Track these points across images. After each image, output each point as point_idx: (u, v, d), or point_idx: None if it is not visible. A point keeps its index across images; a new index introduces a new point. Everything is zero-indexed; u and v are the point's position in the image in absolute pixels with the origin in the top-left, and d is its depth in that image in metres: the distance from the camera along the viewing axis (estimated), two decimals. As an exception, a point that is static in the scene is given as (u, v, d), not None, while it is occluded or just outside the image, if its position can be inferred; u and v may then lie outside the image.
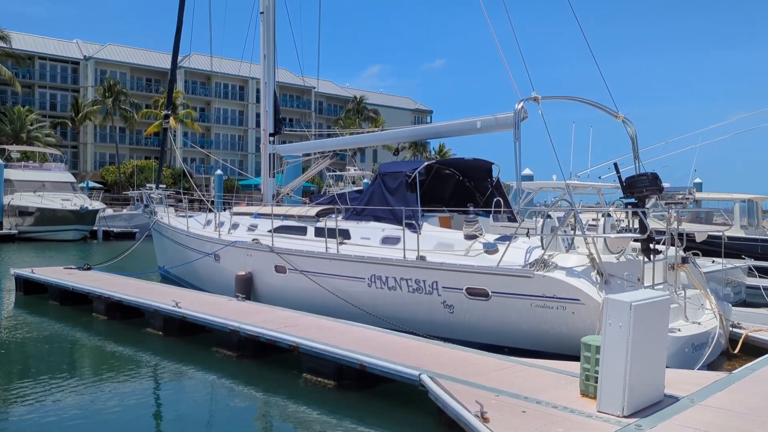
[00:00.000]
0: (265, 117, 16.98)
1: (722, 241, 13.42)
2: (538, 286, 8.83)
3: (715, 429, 5.39)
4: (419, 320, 10.14)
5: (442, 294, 9.84)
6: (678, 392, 6.34)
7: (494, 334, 9.42)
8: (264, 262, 12.73)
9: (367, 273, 10.77)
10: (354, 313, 10.78)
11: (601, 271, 8.78)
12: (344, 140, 15.99)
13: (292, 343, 8.55)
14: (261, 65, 16.96)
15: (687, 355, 8.38)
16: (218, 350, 9.90)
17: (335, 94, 79.32)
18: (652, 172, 9.60)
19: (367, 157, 75.27)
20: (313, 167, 16.99)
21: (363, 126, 63.85)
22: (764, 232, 23.25)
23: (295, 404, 7.72)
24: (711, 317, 9.38)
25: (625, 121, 11.27)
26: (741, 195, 22.49)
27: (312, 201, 15.09)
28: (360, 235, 11.73)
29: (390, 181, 11.81)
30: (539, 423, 5.51)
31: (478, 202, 12.67)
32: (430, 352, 8.06)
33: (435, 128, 13.72)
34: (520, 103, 10.14)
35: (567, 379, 6.83)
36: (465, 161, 13.35)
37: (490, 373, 7.09)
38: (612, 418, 5.64)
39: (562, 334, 8.67)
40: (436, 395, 6.35)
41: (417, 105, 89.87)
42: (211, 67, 44.58)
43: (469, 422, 5.52)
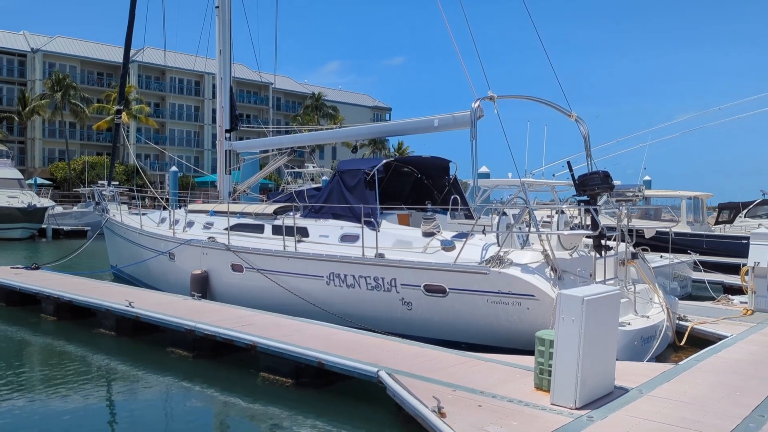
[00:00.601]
0: (221, 113, 16.75)
1: (669, 237, 13.87)
2: (494, 283, 8.97)
3: (661, 418, 5.59)
4: (378, 317, 10.18)
5: (400, 291, 9.89)
6: (628, 384, 6.54)
7: (452, 330, 9.53)
8: (220, 261, 12.56)
9: (325, 271, 10.75)
10: (312, 311, 10.75)
11: (554, 267, 8.97)
12: (302, 137, 15.94)
13: (250, 342, 8.47)
14: (217, 60, 16.71)
15: (636, 347, 8.65)
16: (173, 350, 9.74)
17: (293, 91, 78.71)
18: (603, 170, 9.86)
19: (326, 154, 75.01)
20: (270, 164, 16.84)
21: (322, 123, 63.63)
22: (709, 228, 24.14)
23: (253, 403, 7.66)
24: (659, 311, 9.70)
25: (578, 120, 11.54)
26: (687, 192, 23.29)
27: (269, 198, 14.95)
28: (318, 233, 11.70)
29: (348, 178, 11.80)
30: (495, 416, 5.61)
31: (436, 199, 12.79)
32: (388, 349, 8.11)
33: (393, 126, 13.79)
34: (476, 101, 10.27)
35: (522, 373, 6.96)
36: (423, 159, 13.45)
37: (448, 369, 7.18)
38: (565, 410, 5.78)
39: (517, 330, 8.82)
40: (394, 391, 6.39)
41: (376, 102, 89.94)
42: (165, 62, 43.69)
43: (426, 417, 5.58)
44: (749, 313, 10.94)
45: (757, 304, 11.12)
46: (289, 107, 78.01)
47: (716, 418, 5.59)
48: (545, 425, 5.38)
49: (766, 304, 11.01)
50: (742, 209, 26.03)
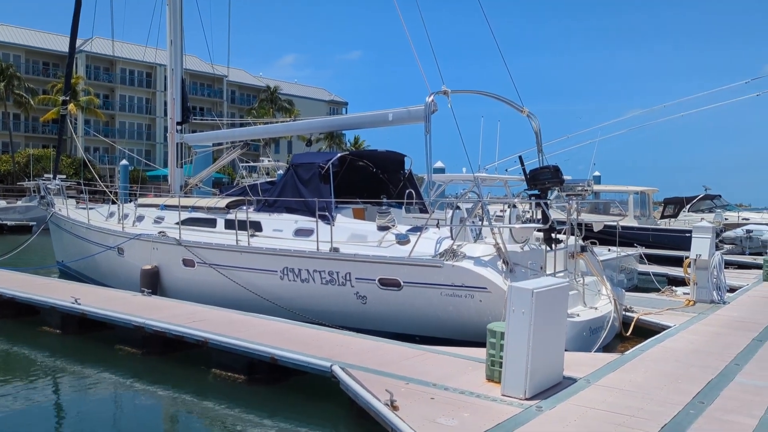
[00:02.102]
0: (173, 105, 16.36)
1: (617, 230, 14.26)
2: (447, 276, 9.05)
3: (607, 407, 5.74)
4: (332, 312, 10.15)
5: (355, 285, 9.89)
6: (576, 374, 6.69)
7: (406, 324, 9.58)
8: (171, 256, 12.31)
9: (279, 266, 10.65)
10: (266, 306, 10.65)
11: (506, 260, 9.10)
12: (256, 130, 15.68)
13: (201, 338, 8.33)
14: (168, 51, 16.31)
15: (585, 338, 8.87)
16: (122, 348, 9.50)
17: (248, 84, 77.59)
18: (554, 165, 10.06)
19: (282, 147, 74.21)
20: (223, 157, 16.56)
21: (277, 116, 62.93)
22: (655, 222, 24.95)
23: (204, 400, 7.55)
24: (606, 302, 9.96)
25: (529, 115, 11.73)
26: (635, 187, 24.02)
27: (222, 192, 14.70)
28: (272, 227, 11.57)
29: (303, 172, 11.70)
30: (447, 408, 5.66)
31: (391, 193, 12.81)
32: (342, 343, 8.09)
33: (348, 119, 13.74)
34: (430, 96, 10.32)
35: (474, 365, 7.04)
36: (378, 153, 13.44)
37: (401, 362, 7.21)
38: (515, 401, 5.88)
39: (470, 322, 8.93)
40: (347, 385, 6.38)
41: (332, 96, 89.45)
42: (113, 52, 42.40)
43: (379, 411, 5.59)
44: (691, 304, 11.34)
45: (698, 295, 11.53)
46: (244, 100, 76.87)
47: (659, 406, 5.77)
48: (496, 416, 5.45)
49: (706, 295, 11.44)
50: (686, 204, 26.97)
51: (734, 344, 8.26)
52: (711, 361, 7.36)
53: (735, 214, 27.19)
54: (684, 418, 5.45)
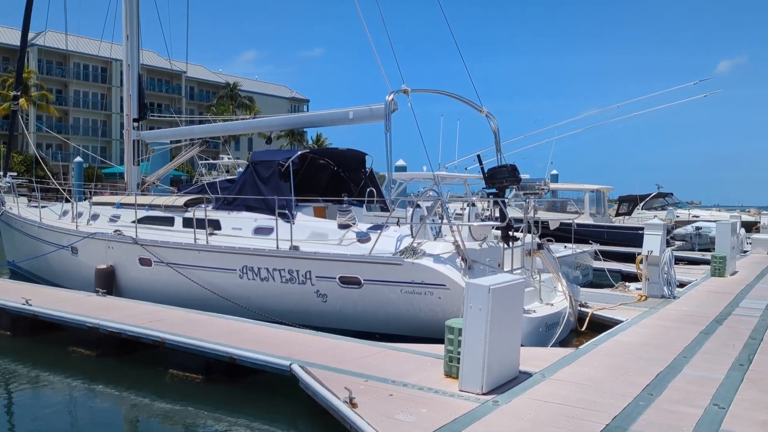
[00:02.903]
0: (129, 101, 16.03)
1: (572, 228, 14.59)
2: (407, 273, 9.12)
3: (561, 400, 5.88)
4: (292, 310, 10.12)
5: (315, 283, 9.88)
6: (531, 368, 6.83)
7: (366, 321, 9.62)
8: (127, 255, 12.08)
9: (238, 264, 10.56)
10: (225, 305, 10.55)
11: (465, 257, 9.23)
12: (215, 127, 15.53)
13: (158, 339, 8.21)
14: (123, 46, 15.97)
15: (541, 333, 9.06)
16: (75, 349, 9.28)
17: (207, 80, 76.41)
18: (511, 164, 10.25)
19: (242, 145, 73.35)
20: (181, 155, 16.31)
21: (237, 113, 62.11)
22: (610, 220, 25.58)
23: (162, 401, 7.45)
24: (562, 298, 10.19)
25: (488, 115, 11.90)
26: (590, 186, 24.58)
27: (180, 190, 14.49)
28: (231, 226, 11.47)
29: (263, 169, 11.63)
30: (405, 405, 5.71)
31: (352, 192, 12.82)
32: (301, 342, 8.08)
33: (308, 117, 13.70)
34: (390, 95, 10.38)
35: (432, 362, 7.12)
36: (339, 151, 13.44)
37: (360, 360, 7.25)
38: (472, 396, 5.97)
39: (430, 319, 9.02)
40: (307, 384, 6.39)
41: (293, 93, 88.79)
42: (66, 46, 41.23)
43: (338, 408, 5.62)
44: (643, 299, 11.68)
45: (649, 291, 11.88)
46: (203, 97, 75.67)
47: (611, 398, 5.94)
48: (453, 411, 5.53)
49: (657, 290, 11.79)
50: (639, 202, 27.76)
51: (683, 337, 8.54)
52: (660, 354, 7.61)
53: (686, 211, 28.10)
54: (634, 410, 5.63)
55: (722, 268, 15.25)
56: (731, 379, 6.61)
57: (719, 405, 5.78)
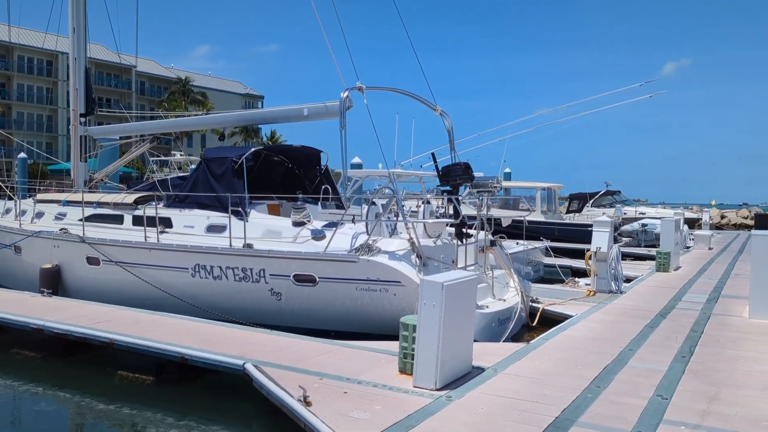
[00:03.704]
0: (75, 96, 15.53)
1: (524, 225, 14.86)
2: (362, 271, 9.14)
3: (512, 394, 6.00)
4: (246, 309, 10.02)
5: (269, 282, 9.80)
6: (484, 363, 6.94)
7: (322, 319, 9.59)
8: (74, 254, 11.73)
9: (190, 263, 10.39)
10: (177, 305, 10.36)
11: (420, 254, 9.30)
12: (166, 123, 15.18)
13: (106, 339, 8.01)
14: (70, 39, 15.47)
15: (494, 329, 9.21)
16: (19, 351, 8.98)
17: (159, 75, 74.70)
18: (464, 162, 10.36)
19: (195, 141, 72.01)
20: (130, 151, 15.92)
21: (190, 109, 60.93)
22: (561, 217, 26.17)
23: (111, 403, 7.26)
24: (514, 294, 10.38)
25: (442, 114, 12.00)
26: (542, 184, 25.09)
27: (130, 188, 14.14)
28: (183, 224, 11.27)
29: (215, 167, 11.46)
30: (360, 402, 5.73)
31: (307, 189, 12.75)
32: (255, 341, 8.01)
33: (262, 114, 13.55)
34: (345, 92, 10.36)
35: (387, 358, 7.16)
36: (294, 148, 13.36)
37: (315, 358, 7.23)
38: (426, 391, 6.02)
39: (385, 316, 9.06)
40: (260, 383, 6.33)
41: (247, 90, 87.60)
42: (10, 38, 39.66)
43: (292, 407, 5.59)
44: (591, 294, 12.00)
45: (598, 286, 12.22)
46: (154, 92, 73.91)
47: (560, 391, 6.09)
48: (407, 407, 5.57)
49: (605, 286, 12.13)
50: (589, 199, 28.50)
51: (629, 331, 8.82)
52: (608, 348, 7.83)
53: (633, 209, 28.98)
54: (582, 402, 5.78)
55: (666, 264, 15.79)
56: (674, 371, 6.86)
57: (662, 396, 5.99)
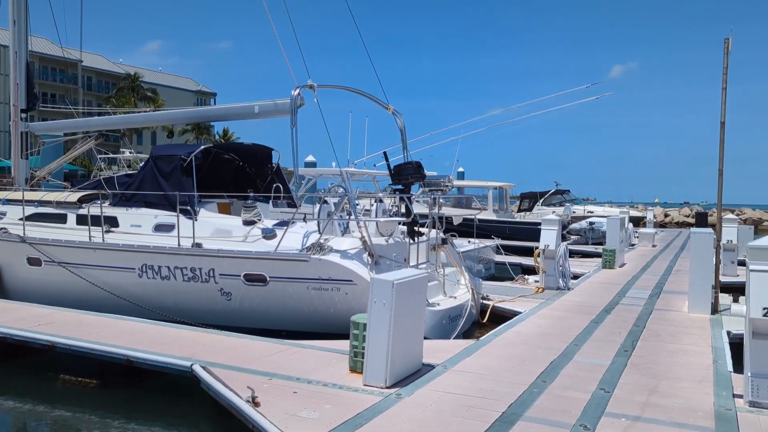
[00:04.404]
0: (16, 90, 14.94)
1: (475, 223, 15.07)
2: (314, 270, 9.10)
3: (461, 390, 6.08)
4: (195, 310, 9.85)
5: (219, 281, 9.66)
6: (434, 360, 7.01)
7: (273, 319, 9.51)
8: (13, 254, 11.30)
9: (137, 263, 10.15)
10: (123, 306, 10.12)
11: (372, 252, 9.32)
12: (113, 119, 14.74)
13: (47, 343, 7.74)
14: (10, 32, 14.87)
15: (445, 326, 9.31)
16: (-47, 357, 8.58)
17: (106, 70, 72.61)
18: (416, 161, 10.43)
19: (145, 139, 70.32)
20: (75, 148, 15.41)
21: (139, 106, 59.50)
22: (512, 216, 26.65)
23: (52, 408, 7.03)
24: (465, 291, 10.51)
25: (394, 113, 12.05)
26: (493, 183, 25.52)
27: (74, 186, 13.70)
28: (130, 223, 10.99)
29: (163, 164, 11.21)
30: (309, 402, 5.71)
31: (258, 187, 12.60)
32: (204, 342, 7.88)
33: (212, 111, 13.33)
34: (296, 89, 10.29)
35: (338, 357, 7.15)
36: (245, 146, 13.18)
37: (265, 358, 7.16)
38: (376, 390, 6.05)
39: (337, 315, 9.04)
40: (208, 384, 6.24)
41: (200, 86, 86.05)
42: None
43: (240, 408, 5.53)
44: (540, 291, 12.26)
45: (546, 283, 12.49)
46: (102, 88, 71.81)
47: (508, 387, 6.21)
48: (357, 406, 5.58)
49: (553, 282, 12.42)
50: (539, 198, 29.13)
51: (575, 326, 9.05)
52: (554, 343, 8.02)
53: (581, 207, 29.75)
54: (528, 397, 5.91)
55: (612, 261, 16.26)
56: (616, 365, 7.08)
57: (605, 389, 6.17)
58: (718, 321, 9.65)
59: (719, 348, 7.94)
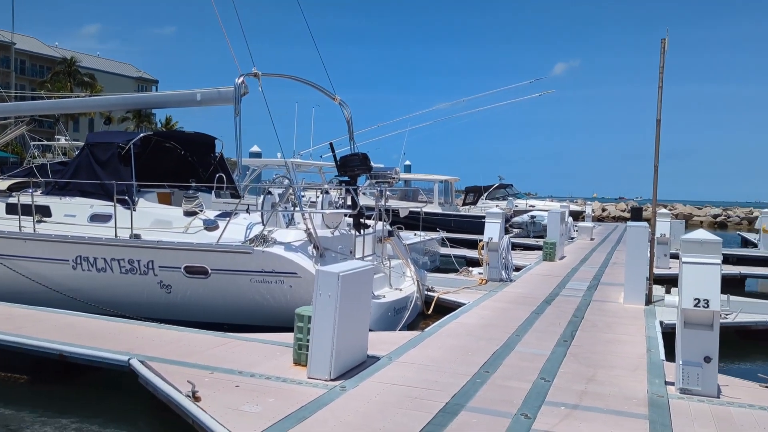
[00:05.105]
0: (-61, 71, 14.12)
1: (421, 216, 15.17)
2: (257, 262, 8.96)
3: (405, 382, 6.11)
4: (133, 303, 9.55)
5: (158, 274, 9.39)
6: (379, 352, 7.01)
7: (214, 312, 9.33)
8: (-63, 245, 10.66)
9: (71, 254, 9.76)
10: (57, 299, 9.71)
11: (317, 245, 9.24)
12: (45, 104, 14.08)
13: (-27, 338, 7.35)
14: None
15: (390, 318, 9.34)
16: None
17: (41, 54, 69.41)
18: (362, 153, 10.40)
19: (82, 126, 67.66)
20: (5, 134, 14.67)
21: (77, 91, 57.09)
22: (456, 209, 27.01)
23: (-21, 407, 6.68)
24: (410, 283, 10.57)
25: (341, 103, 11.96)
26: (439, 176, 25.76)
27: (4, 173, 13.04)
28: (63, 213, 10.55)
29: (100, 152, 10.80)
30: (252, 395, 5.62)
31: (200, 177, 12.30)
32: (143, 336, 7.66)
33: (151, 97, 12.91)
34: (240, 77, 10.08)
35: (282, 350, 7.07)
36: (187, 135, 12.85)
37: (207, 352, 7.01)
38: (320, 382, 6.00)
39: (281, 308, 8.94)
40: (147, 379, 6.06)
41: (141, 73, 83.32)
42: None
43: (180, 403, 5.39)
44: (484, 282, 12.46)
45: (489, 275, 12.70)
46: (36, 72, 68.59)
47: (451, 377, 6.27)
48: (300, 399, 5.53)
49: (496, 274, 12.64)
50: (483, 192, 29.61)
51: (517, 318, 9.23)
52: (497, 334, 8.16)
53: (523, 201, 30.41)
54: (471, 387, 5.98)
55: (552, 253, 16.68)
56: (556, 355, 7.26)
57: (545, 378, 6.31)
58: (652, 311, 10.03)
59: (652, 337, 8.24)
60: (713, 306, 5.79)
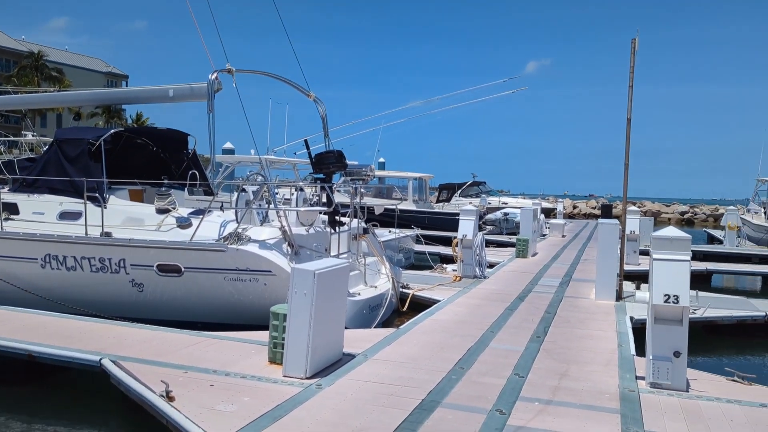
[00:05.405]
0: None
1: (396, 213, 15.20)
2: (231, 260, 8.88)
3: (381, 379, 6.12)
4: (105, 302, 9.40)
5: (130, 272, 9.26)
6: (355, 350, 7.01)
7: (188, 311, 9.23)
8: None
9: (40, 252, 9.56)
10: (25, 298, 9.51)
11: (291, 242, 9.20)
12: (10, 99, 13.69)
13: (-63, 339, 7.15)
14: None
15: (365, 315, 9.35)
16: None
17: (7, 47, 67.74)
18: (338, 150, 10.37)
19: (50, 122, 66.23)
20: (-31, 129, 14.30)
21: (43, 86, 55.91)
22: (431, 206, 27.13)
23: (-57, 410, 6.51)
24: (385, 281, 10.59)
25: (316, 100, 11.92)
26: (414, 174, 25.87)
27: (-32, 170, 12.70)
28: (32, 210, 10.34)
29: (69, 148, 10.59)
30: (226, 394, 5.58)
31: (173, 174, 12.15)
32: (115, 335, 7.54)
33: (122, 93, 12.71)
34: (213, 73, 9.98)
35: (257, 349, 7.03)
36: (159, 131, 12.68)
37: (179, 351, 6.93)
38: (296, 380, 5.98)
39: (255, 306, 8.88)
40: (119, 379, 5.97)
41: (111, 68, 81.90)
42: None
43: (153, 403, 5.32)
44: (458, 279, 12.54)
45: (464, 271, 12.79)
46: (2, 66, 66.93)
47: (426, 374, 6.30)
48: (276, 397, 5.50)
49: (470, 271, 12.73)
50: (457, 189, 29.79)
51: (491, 314, 9.31)
52: (471, 330, 8.22)
53: (497, 199, 30.66)
54: (447, 384, 6.02)
55: (525, 250, 16.86)
56: (529, 350, 7.34)
57: (519, 374, 6.39)
58: (623, 307, 10.20)
59: (623, 333, 8.39)
60: (683, 302, 5.91)
